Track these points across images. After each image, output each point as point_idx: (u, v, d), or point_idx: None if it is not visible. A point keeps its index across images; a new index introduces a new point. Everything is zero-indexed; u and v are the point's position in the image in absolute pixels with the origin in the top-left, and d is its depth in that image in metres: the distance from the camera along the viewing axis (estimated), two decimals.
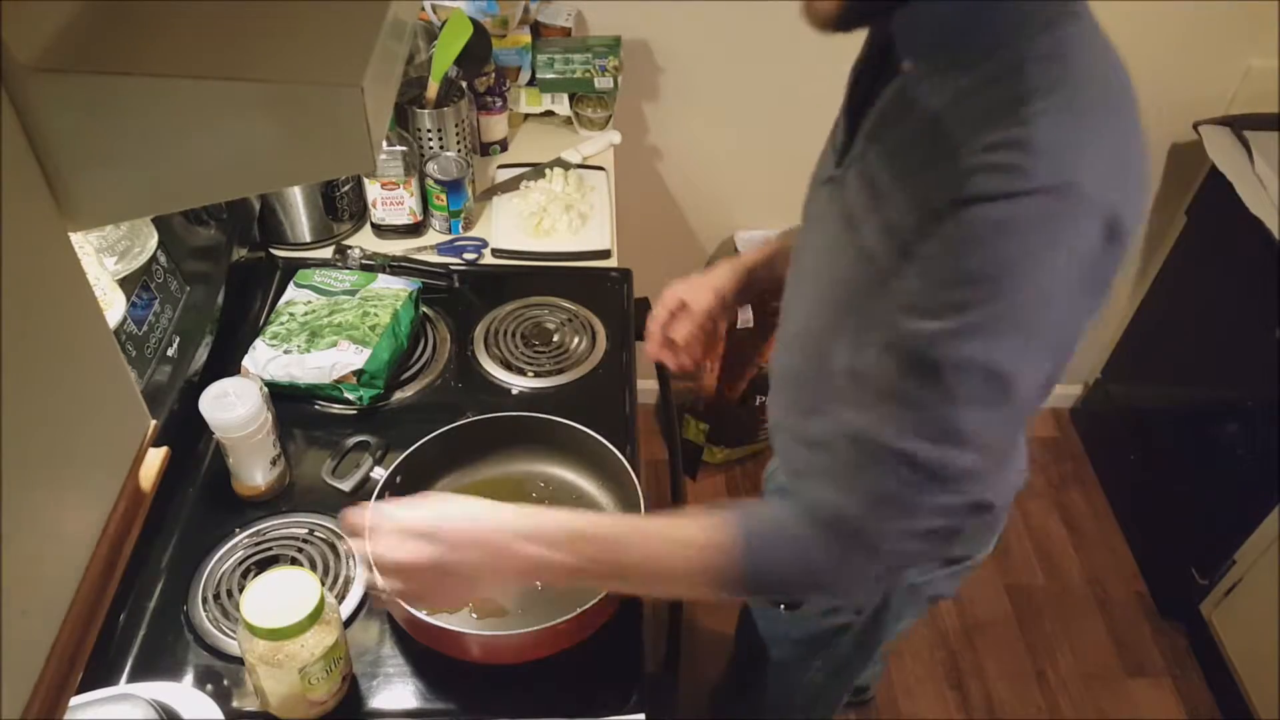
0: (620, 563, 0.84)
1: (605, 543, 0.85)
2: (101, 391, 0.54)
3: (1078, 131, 0.70)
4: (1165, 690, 2.06)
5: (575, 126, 1.84)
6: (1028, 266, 0.69)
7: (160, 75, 0.45)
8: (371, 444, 1.20)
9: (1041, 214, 0.68)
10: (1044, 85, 0.70)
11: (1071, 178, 0.68)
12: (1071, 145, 0.69)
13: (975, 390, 0.73)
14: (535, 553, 0.82)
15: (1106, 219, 0.69)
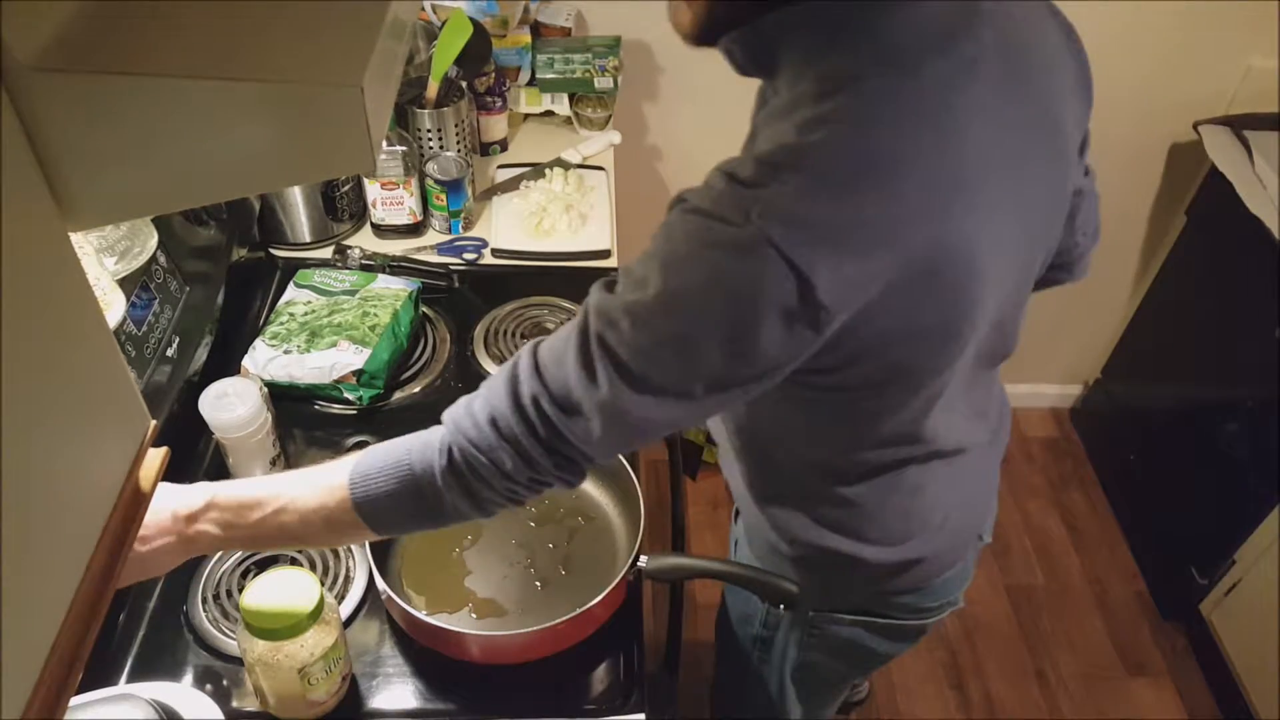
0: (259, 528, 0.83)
1: (240, 508, 0.83)
2: (101, 391, 0.54)
3: (800, 179, 0.66)
4: (1165, 690, 2.06)
5: (575, 126, 1.84)
6: (670, 274, 0.68)
7: (160, 75, 0.45)
8: (371, 444, 1.19)
9: (711, 239, 0.67)
10: (836, 117, 0.67)
11: (762, 227, 0.64)
12: (784, 195, 0.65)
13: (598, 356, 0.72)
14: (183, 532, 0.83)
15: (799, 279, 0.65)
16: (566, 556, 1.12)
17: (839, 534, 0.98)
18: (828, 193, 0.66)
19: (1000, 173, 0.73)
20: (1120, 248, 2.30)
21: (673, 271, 0.69)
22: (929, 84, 0.68)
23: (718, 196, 0.68)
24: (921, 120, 0.68)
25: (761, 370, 0.71)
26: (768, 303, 0.66)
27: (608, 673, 1.05)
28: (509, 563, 1.11)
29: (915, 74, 0.68)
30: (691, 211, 0.69)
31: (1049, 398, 2.63)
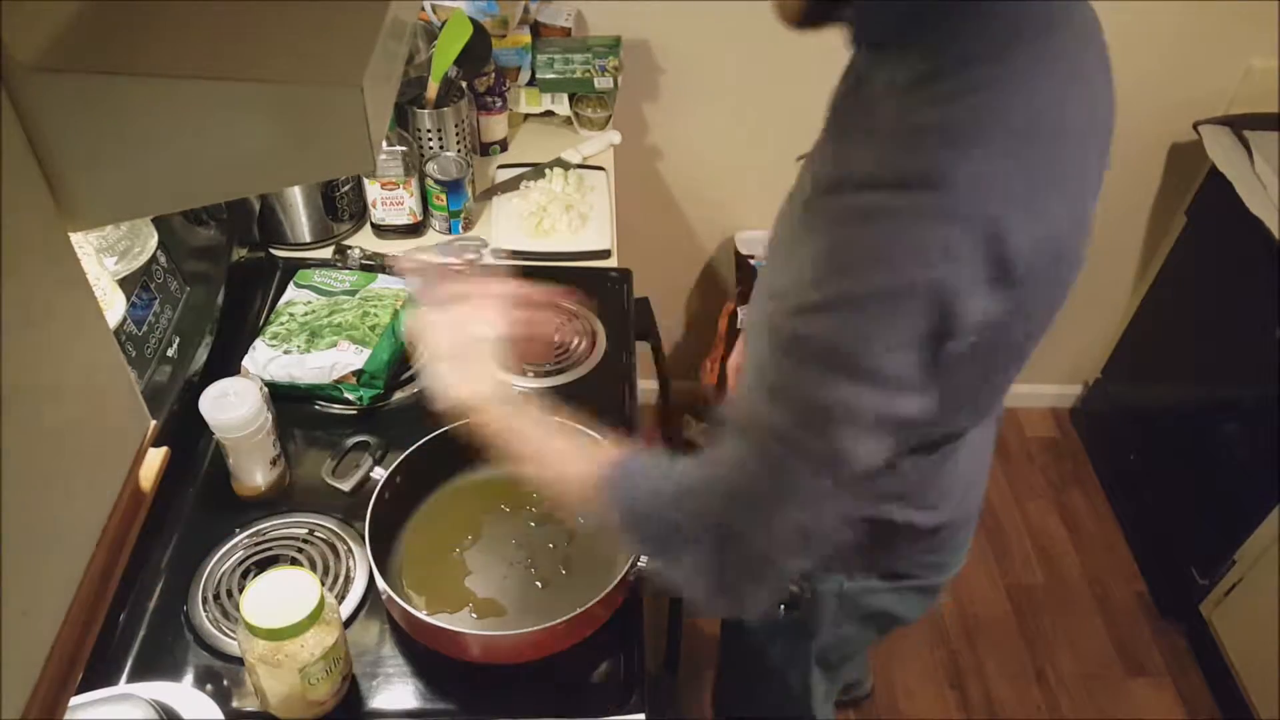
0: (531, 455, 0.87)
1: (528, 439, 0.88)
2: (101, 391, 0.54)
3: (979, 141, 0.65)
4: (1165, 690, 2.06)
5: (575, 126, 1.84)
6: (887, 254, 0.65)
7: (160, 75, 0.45)
8: (371, 444, 1.20)
9: (911, 208, 0.65)
10: (962, 89, 0.67)
11: (953, 184, 0.64)
12: (967, 155, 0.65)
13: (827, 366, 0.68)
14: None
15: (989, 238, 0.64)
16: (566, 556, 1.12)
17: (896, 503, 0.99)
18: (1003, 152, 0.65)
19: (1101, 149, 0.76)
20: (1120, 248, 2.30)
21: (863, 260, 0.66)
22: (1061, 49, 0.70)
23: (884, 171, 0.66)
24: (1068, 83, 0.70)
25: (968, 342, 0.68)
26: (968, 269, 0.65)
27: (608, 673, 1.05)
28: (509, 563, 1.11)
29: (1049, 39, 0.69)
30: (863, 188, 0.67)
31: (1049, 398, 2.63)
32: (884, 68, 0.74)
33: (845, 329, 0.67)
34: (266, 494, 1.17)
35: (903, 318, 0.66)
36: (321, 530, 1.14)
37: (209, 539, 1.13)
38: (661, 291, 1.81)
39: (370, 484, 1.10)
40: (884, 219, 0.66)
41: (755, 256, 2.15)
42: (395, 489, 1.11)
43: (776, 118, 2.02)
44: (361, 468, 1.14)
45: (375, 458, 1.15)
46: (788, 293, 0.71)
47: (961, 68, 0.67)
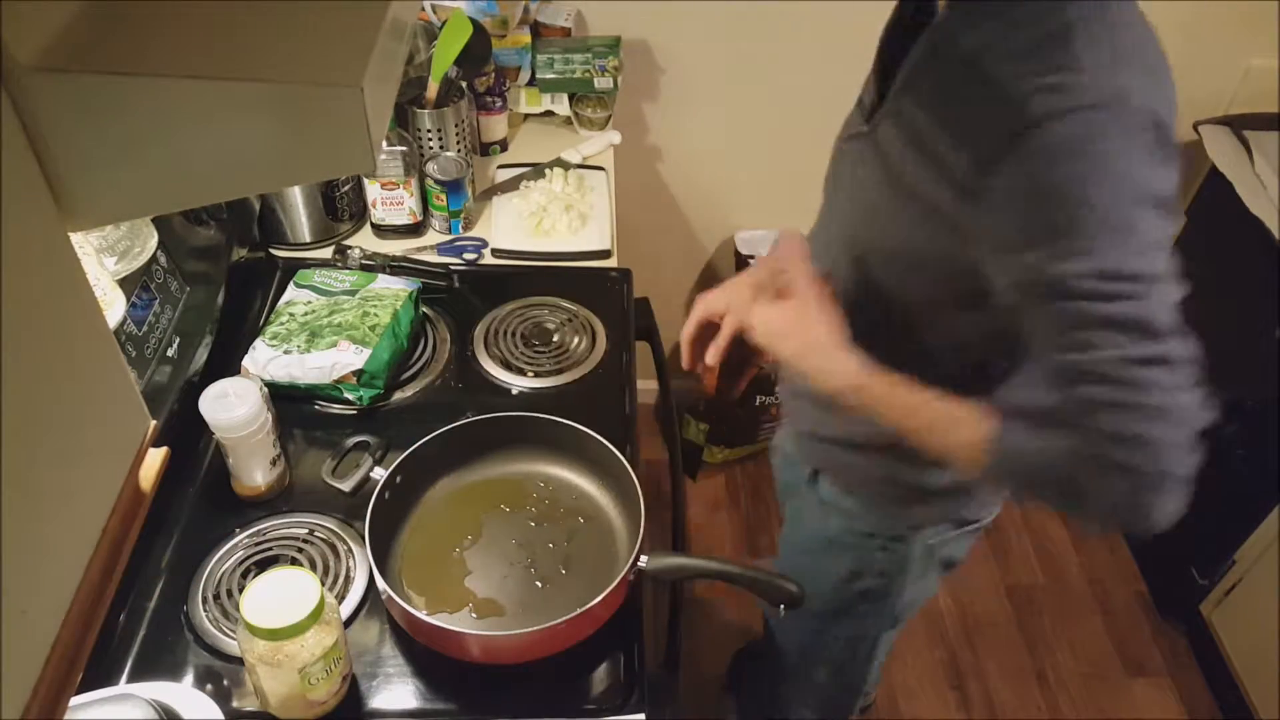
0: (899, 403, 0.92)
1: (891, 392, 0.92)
2: (101, 392, 0.54)
3: (1118, 52, 0.77)
4: (1165, 690, 2.06)
5: (575, 126, 1.84)
6: (1102, 175, 0.74)
7: (160, 75, 0.45)
8: (371, 444, 1.20)
9: (1101, 125, 0.74)
10: (1084, 16, 0.77)
11: (1119, 90, 0.75)
12: (1114, 63, 0.76)
13: (1112, 295, 0.76)
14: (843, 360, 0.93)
15: (1155, 124, 0.75)
16: (566, 556, 1.12)
17: None
18: (1142, 69, 0.79)
19: None
20: None
21: (1083, 183, 0.75)
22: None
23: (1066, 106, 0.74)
24: (1147, 27, 0.83)
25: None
26: (1162, 164, 0.76)
27: (608, 673, 1.05)
28: (509, 562, 1.11)
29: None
30: (1072, 113, 0.74)
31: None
32: (971, 23, 0.82)
33: (1111, 253, 0.75)
34: (266, 494, 1.17)
35: (1143, 220, 0.76)
36: (321, 530, 1.14)
37: (209, 539, 1.13)
38: (661, 291, 1.81)
39: (370, 484, 1.10)
40: (1081, 154, 0.75)
41: (755, 256, 2.15)
42: (395, 489, 1.11)
43: (776, 118, 2.02)
44: (361, 468, 1.14)
45: (375, 458, 1.15)
46: (1012, 244, 0.79)
47: (1062, 10, 0.77)
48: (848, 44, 1.92)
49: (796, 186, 2.17)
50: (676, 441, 1.43)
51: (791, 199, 2.17)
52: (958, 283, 0.89)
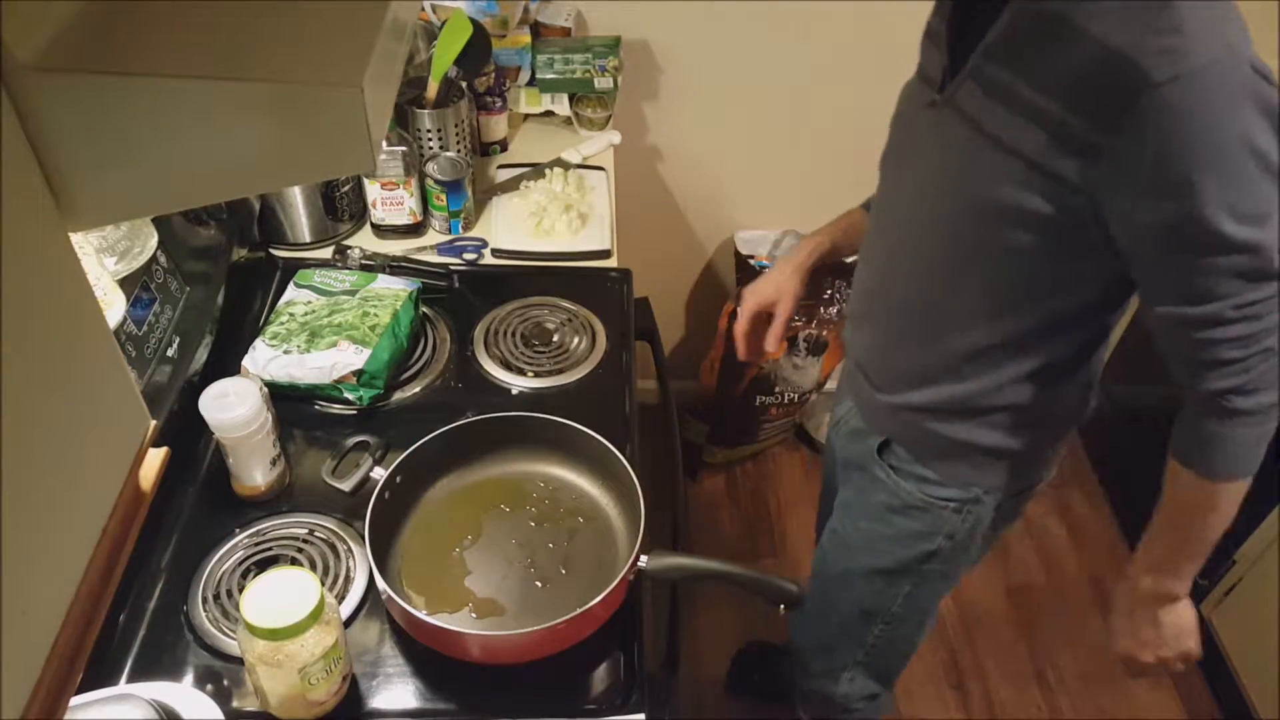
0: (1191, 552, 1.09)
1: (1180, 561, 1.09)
2: (101, 392, 0.54)
3: (1217, 17, 0.83)
4: (1165, 690, 2.06)
5: (575, 126, 1.84)
6: (1220, 131, 0.81)
7: (160, 75, 0.45)
8: (371, 444, 1.20)
9: (1215, 84, 0.80)
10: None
11: (1225, 48, 0.81)
12: (1217, 21, 0.83)
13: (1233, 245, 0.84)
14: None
15: (1257, 73, 0.83)
16: (566, 556, 1.12)
17: (1087, 389, 1.16)
18: (1235, 18, 0.87)
19: None
20: None
21: (1210, 139, 0.82)
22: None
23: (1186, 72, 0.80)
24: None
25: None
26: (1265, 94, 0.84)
27: (608, 673, 1.05)
28: (509, 562, 1.11)
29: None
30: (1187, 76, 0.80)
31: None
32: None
33: (1232, 203, 0.83)
34: (266, 494, 1.17)
35: (1258, 173, 0.83)
36: (321, 530, 1.14)
37: (209, 539, 1.13)
38: (661, 291, 1.81)
39: (370, 484, 1.10)
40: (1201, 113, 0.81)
41: (755, 256, 2.15)
42: (395, 489, 1.11)
43: (776, 118, 2.02)
44: (361, 468, 1.14)
45: (375, 458, 1.15)
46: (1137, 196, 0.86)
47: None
48: (848, 44, 1.93)
49: (796, 186, 2.17)
50: (676, 441, 1.42)
51: (791, 199, 2.18)
52: (1059, 233, 0.94)
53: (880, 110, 2.15)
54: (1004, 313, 1.03)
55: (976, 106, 0.95)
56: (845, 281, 2.15)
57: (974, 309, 1.05)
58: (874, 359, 1.21)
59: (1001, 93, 0.92)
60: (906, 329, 1.14)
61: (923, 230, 1.06)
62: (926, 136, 1.04)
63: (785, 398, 2.30)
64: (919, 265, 1.08)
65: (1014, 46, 0.91)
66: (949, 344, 1.09)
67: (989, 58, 0.93)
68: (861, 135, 2.04)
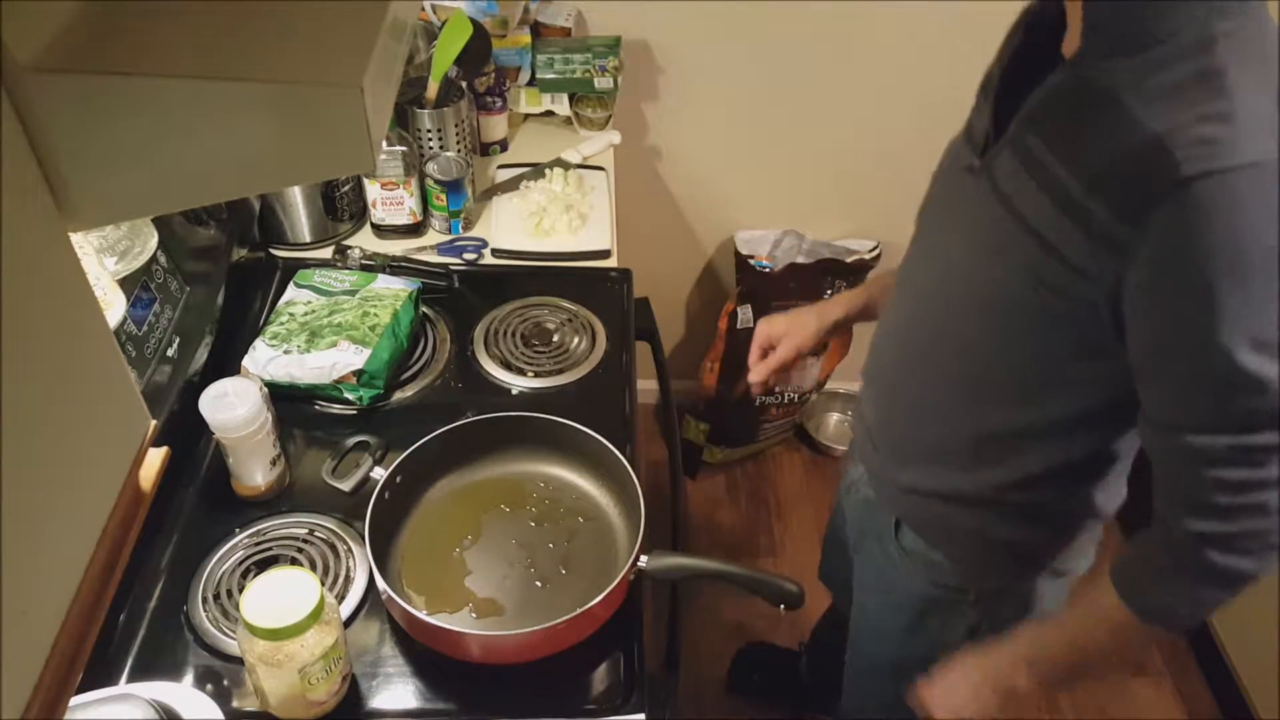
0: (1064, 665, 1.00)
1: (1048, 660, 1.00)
2: (101, 391, 0.54)
3: (1269, 98, 0.73)
4: (1165, 690, 2.06)
5: (575, 126, 1.84)
6: (1255, 240, 0.72)
7: (160, 75, 0.45)
8: (371, 444, 1.20)
9: (1256, 185, 0.71)
10: (1236, 60, 0.73)
11: (1273, 145, 0.71)
12: (1266, 112, 0.72)
13: (1254, 370, 0.75)
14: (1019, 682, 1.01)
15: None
16: (566, 556, 1.12)
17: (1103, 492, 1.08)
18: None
19: None
20: None
21: (1241, 243, 0.73)
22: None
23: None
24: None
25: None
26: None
27: (608, 673, 1.05)
28: (509, 563, 1.11)
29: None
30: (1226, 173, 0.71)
31: None
32: (1112, 62, 0.78)
33: (1258, 322, 0.75)
34: (266, 494, 1.17)
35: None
36: (321, 530, 1.14)
37: (209, 539, 1.13)
38: (661, 291, 1.81)
39: (370, 484, 1.10)
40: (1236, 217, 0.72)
41: (755, 256, 2.15)
42: (395, 489, 1.11)
43: (776, 118, 2.02)
44: (361, 468, 1.14)
45: (375, 458, 1.15)
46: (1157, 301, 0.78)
47: (1212, 52, 0.74)
48: (848, 43, 1.93)
49: (796, 186, 2.17)
50: (676, 441, 1.42)
51: (792, 199, 2.18)
52: (1081, 327, 0.86)
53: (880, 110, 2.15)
54: (1027, 400, 0.95)
55: (1010, 180, 0.87)
56: (845, 281, 2.16)
57: (996, 393, 0.97)
58: (886, 430, 1.13)
59: (1033, 165, 0.84)
60: (923, 403, 1.06)
61: (948, 304, 0.98)
62: (962, 204, 0.95)
63: (785, 398, 2.30)
64: (941, 339, 1.00)
65: (1054, 118, 0.84)
66: (966, 426, 1.01)
67: (1028, 126, 0.85)
68: (862, 135, 2.04)
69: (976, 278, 0.93)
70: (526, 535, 1.14)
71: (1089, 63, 0.80)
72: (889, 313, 1.13)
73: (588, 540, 1.14)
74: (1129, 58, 0.77)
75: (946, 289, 0.98)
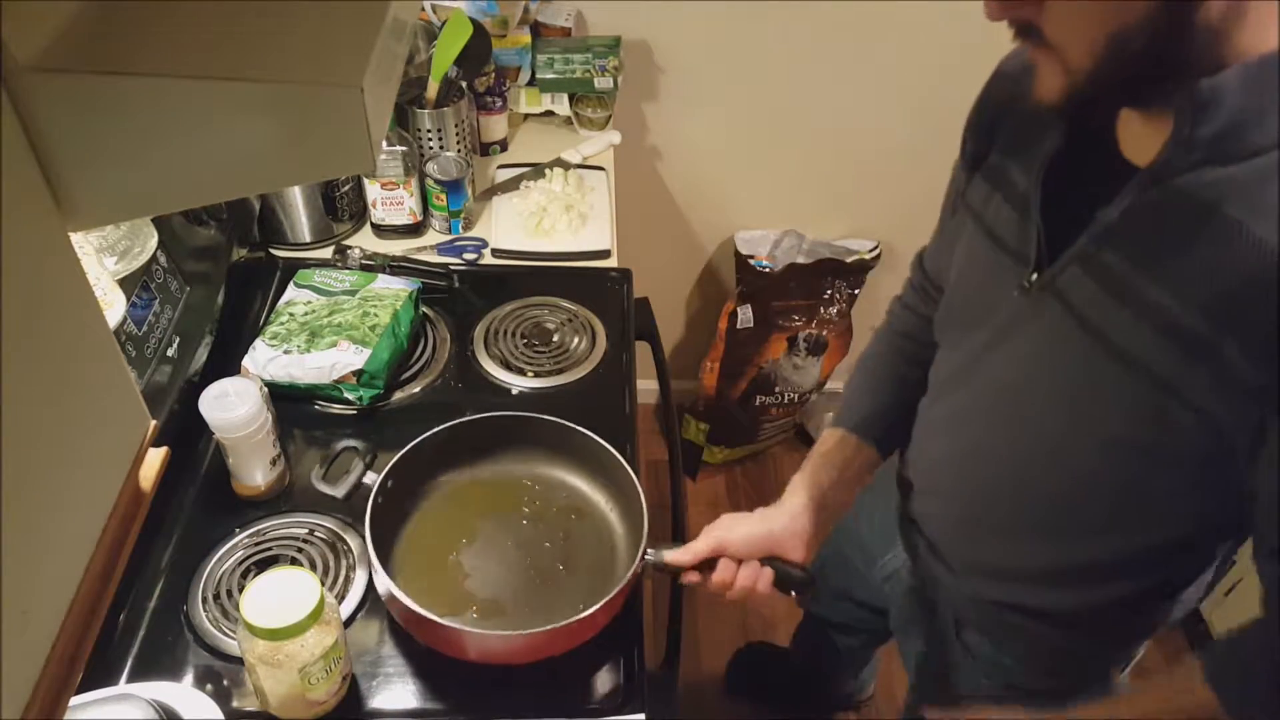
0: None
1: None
2: (101, 391, 0.54)
3: None
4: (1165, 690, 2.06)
5: (575, 126, 1.84)
6: None
7: (160, 75, 0.45)
8: (360, 448, 1.18)
9: None
10: None
11: None
12: None
13: None
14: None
15: None
16: (566, 555, 1.12)
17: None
18: None
19: None
20: None
21: None
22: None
23: None
24: None
25: None
26: None
27: (608, 673, 1.05)
28: (507, 564, 1.11)
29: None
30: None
31: None
32: (1204, 169, 0.70)
33: None
34: (266, 494, 1.17)
35: None
36: (321, 530, 1.14)
37: (209, 539, 1.13)
38: (661, 291, 1.81)
39: (363, 489, 1.09)
40: None
41: (755, 256, 2.15)
42: (389, 493, 1.09)
43: (776, 118, 2.02)
44: (353, 473, 1.12)
45: (366, 462, 1.14)
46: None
47: None
48: (849, 43, 1.93)
49: (797, 186, 2.17)
50: (676, 441, 1.42)
51: (792, 199, 2.18)
52: (1194, 464, 0.79)
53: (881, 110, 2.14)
54: (1130, 531, 0.88)
55: (1084, 299, 0.78)
56: (845, 281, 2.16)
57: (1094, 525, 0.89)
58: (957, 548, 1.05)
59: (1117, 287, 0.75)
60: (1004, 532, 0.98)
61: (1017, 422, 0.90)
62: (1020, 324, 0.86)
63: (785, 398, 2.30)
64: (1026, 465, 0.91)
65: (1139, 232, 0.74)
66: (1059, 556, 0.94)
67: (1106, 243, 0.76)
68: (862, 135, 2.04)
69: (1047, 399, 0.85)
70: (523, 535, 1.14)
71: (1180, 173, 0.71)
72: (936, 425, 1.04)
73: (585, 537, 1.14)
74: (1226, 166, 0.69)
75: (1015, 409, 0.89)
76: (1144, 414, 0.76)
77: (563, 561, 1.11)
